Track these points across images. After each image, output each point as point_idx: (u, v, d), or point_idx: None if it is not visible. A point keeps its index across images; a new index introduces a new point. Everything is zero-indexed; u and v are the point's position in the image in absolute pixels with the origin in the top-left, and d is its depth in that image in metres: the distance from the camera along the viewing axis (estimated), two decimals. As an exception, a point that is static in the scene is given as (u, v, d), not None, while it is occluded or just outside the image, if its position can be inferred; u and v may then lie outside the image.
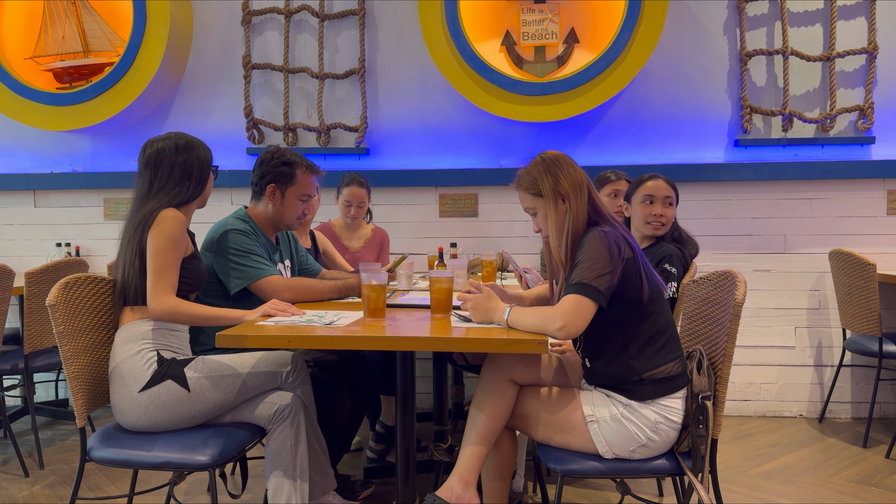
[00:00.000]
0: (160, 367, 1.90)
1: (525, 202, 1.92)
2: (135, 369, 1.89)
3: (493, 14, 3.77)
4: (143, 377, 1.88)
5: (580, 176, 1.85)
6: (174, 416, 1.89)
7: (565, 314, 1.66)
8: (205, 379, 1.90)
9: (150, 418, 1.88)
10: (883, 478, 2.84)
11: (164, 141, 2.09)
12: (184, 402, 1.88)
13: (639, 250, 1.80)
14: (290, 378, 2.01)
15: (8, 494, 2.71)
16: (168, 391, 1.87)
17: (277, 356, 2.02)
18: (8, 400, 3.88)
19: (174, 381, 1.88)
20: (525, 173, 1.90)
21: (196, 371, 1.91)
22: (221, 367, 1.94)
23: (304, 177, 2.40)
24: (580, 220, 1.81)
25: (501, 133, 3.88)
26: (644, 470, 1.78)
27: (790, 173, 3.66)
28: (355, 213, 3.30)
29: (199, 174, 2.10)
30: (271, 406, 1.96)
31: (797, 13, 3.69)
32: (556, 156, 1.88)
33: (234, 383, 1.93)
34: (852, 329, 3.32)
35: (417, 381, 1.98)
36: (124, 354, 1.92)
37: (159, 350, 1.93)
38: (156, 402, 1.87)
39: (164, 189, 2.05)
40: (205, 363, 1.94)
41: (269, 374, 1.98)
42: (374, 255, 3.38)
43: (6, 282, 2.77)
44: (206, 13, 4.00)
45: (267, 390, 1.99)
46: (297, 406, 1.98)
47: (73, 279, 1.95)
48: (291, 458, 1.94)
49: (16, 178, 4.07)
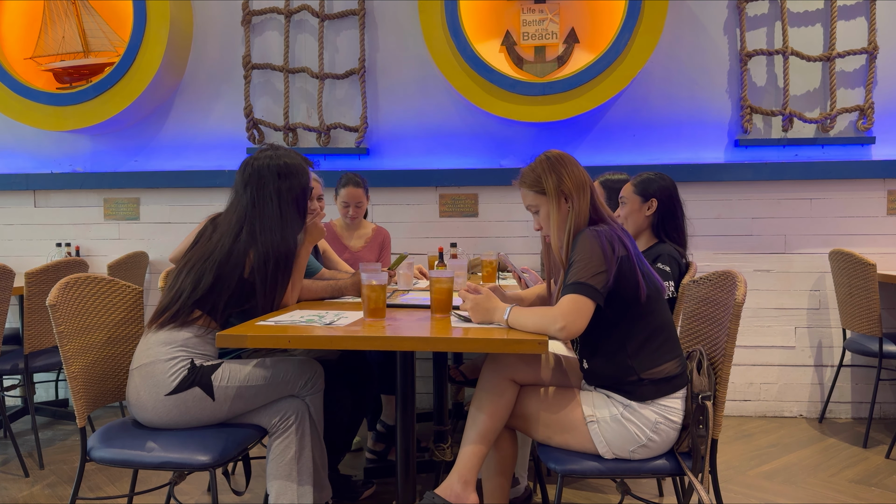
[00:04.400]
0: (190, 373, 1.90)
1: (528, 199, 1.92)
2: (166, 372, 1.89)
3: (493, 14, 3.77)
4: (172, 382, 1.88)
5: (583, 176, 1.85)
6: (193, 420, 1.91)
7: (566, 314, 1.66)
8: (231, 388, 1.92)
9: (171, 419, 1.89)
10: (883, 478, 2.84)
11: (266, 161, 2.13)
12: (206, 408, 1.90)
13: (635, 249, 1.80)
14: (308, 387, 2.02)
15: (8, 494, 2.71)
16: (194, 398, 1.88)
17: (296, 364, 2.02)
18: (8, 400, 3.88)
19: (201, 388, 1.89)
20: (529, 171, 1.90)
21: (223, 380, 1.91)
22: (245, 377, 1.93)
23: None
24: (581, 220, 1.81)
25: (501, 133, 3.88)
26: (644, 470, 1.78)
27: (790, 173, 3.66)
28: (354, 213, 3.30)
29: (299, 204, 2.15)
30: (279, 410, 1.96)
31: (797, 13, 3.69)
32: (561, 155, 1.88)
33: (256, 393, 1.95)
34: (852, 329, 3.32)
35: (417, 381, 1.98)
36: (161, 356, 1.91)
37: (194, 358, 1.94)
38: (180, 406, 1.88)
39: (266, 224, 2.06)
40: (231, 372, 1.93)
41: (287, 383, 1.99)
42: (376, 255, 3.38)
43: (6, 282, 2.77)
44: (206, 13, 4.00)
45: (281, 397, 2.00)
46: (305, 413, 1.98)
47: (74, 279, 1.96)
48: (295, 464, 1.94)
49: (16, 178, 4.07)
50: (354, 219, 3.32)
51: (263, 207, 2.06)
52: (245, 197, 2.09)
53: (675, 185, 2.57)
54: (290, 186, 2.10)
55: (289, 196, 2.10)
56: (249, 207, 2.06)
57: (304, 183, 2.14)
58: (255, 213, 2.06)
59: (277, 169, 2.09)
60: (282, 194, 2.08)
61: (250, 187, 2.09)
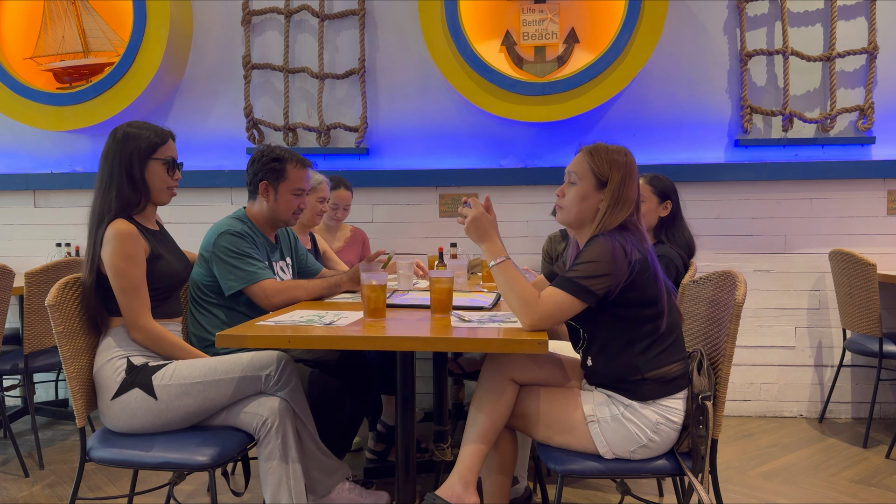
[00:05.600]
0: (128, 374, 1.89)
1: (577, 167, 1.84)
2: (107, 377, 1.90)
3: (493, 14, 3.77)
4: (113, 385, 1.89)
5: (637, 194, 1.83)
6: (146, 423, 1.88)
7: (546, 309, 1.67)
8: (173, 386, 1.88)
9: (125, 424, 1.89)
10: (883, 478, 2.84)
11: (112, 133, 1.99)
12: (152, 409, 1.87)
13: (652, 252, 1.79)
14: (273, 380, 1.94)
15: (8, 494, 2.71)
16: (136, 399, 1.87)
17: (257, 359, 1.94)
18: (8, 400, 3.88)
19: (141, 389, 1.87)
20: (605, 151, 1.83)
21: (164, 379, 1.88)
22: (192, 374, 1.89)
23: (294, 171, 2.42)
24: (607, 225, 1.78)
25: (501, 133, 3.87)
26: (644, 470, 1.77)
27: (790, 173, 3.66)
28: (341, 215, 3.41)
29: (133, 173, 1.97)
30: (254, 416, 1.90)
31: (797, 13, 3.69)
32: (635, 165, 1.84)
33: (205, 390, 1.88)
34: (852, 329, 3.32)
35: (417, 381, 1.98)
36: (100, 361, 1.93)
37: (129, 357, 1.92)
38: (126, 409, 1.87)
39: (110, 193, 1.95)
40: (176, 370, 1.90)
41: (247, 379, 1.91)
42: (356, 254, 3.51)
43: (6, 282, 2.77)
44: (206, 13, 4.00)
45: (250, 395, 1.93)
46: (282, 413, 1.91)
47: (73, 279, 1.96)
48: (284, 467, 1.90)
49: (16, 178, 4.07)
50: (339, 221, 3.42)
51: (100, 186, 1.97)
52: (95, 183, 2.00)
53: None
54: (118, 152, 1.96)
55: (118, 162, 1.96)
56: (95, 191, 1.99)
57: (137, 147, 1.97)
58: (96, 195, 1.98)
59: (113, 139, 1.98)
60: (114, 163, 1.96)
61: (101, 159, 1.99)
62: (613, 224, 1.78)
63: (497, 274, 1.75)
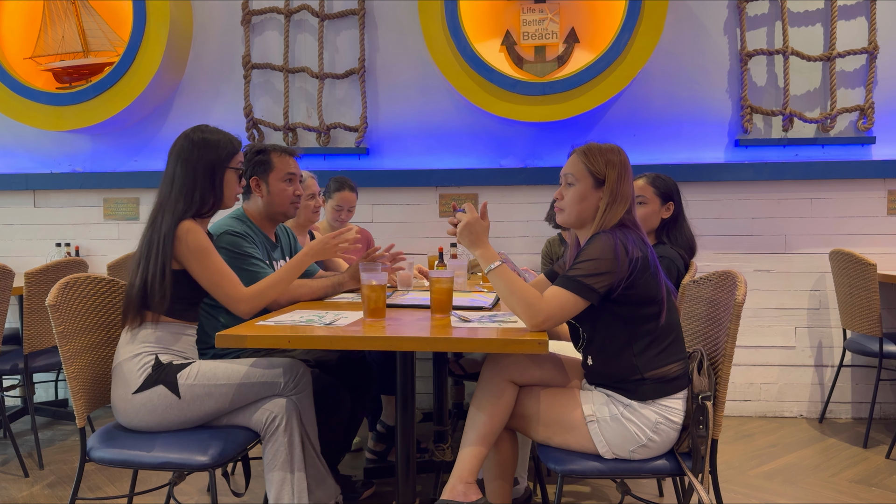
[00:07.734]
0: (154, 371, 1.89)
1: (573, 168, 1.86)
2: (132, 371, 1.89)
3: (493, 14, 3.77)
4: (137, 380, 1.88)
5: (632, 191, 1.85)
6: (164, 420, 1.88)
7: (551, 309, 1.67)
8: (197, 387, 1.89)
9: (141, 420, 1.89)
10: (883, 478, 2.83)
11: (184, 137, 2.02)
12: (174, 407, 1.87)
13: (652, 251, 1.79)
14: (290, 387, 1.97)
15: (8, 494, 2.71)
16: (159, 396, 1.87)
17: (276, 364, 1.98)
18: (8, 400, 3.88)
19: (166, 386, 1.87)
20: (598, 150, 1.85)
21: (189, 378, 1.89)
22: (216, 376, 1.91)
23: (280, 159, 2.43)
24: (607, 223, 1.80)
25: (501, 133, 3.87)
26: (644, 470, 1.77)
27: (790, 173, 3.66)
28: (346, 217, 3.39)
29: (214, 180, 2.01)
30: (264, 413, 1.92)
31: (797, 13, 3.69)
32: (629, 163, 1.86)
33: (227, 392, 1.91)
34: (852, 329, 3.32)
35: (417, 381, 1.98)
36: (126, 355, 1.92)
37: (158, 354, 1.92)
38: (147, 405, 1.87)
39: (179, 197, 1.97)
40: (200, 370, 1.91)
41: (265, 384, 1.94)
42: (362, 255, 3.46)
43: (6, 282, 2.77)
44: (206, 13, 4.00)
45: (263, 397, 1.96)
46: (291, 413, 1.93)
47: (73, 279, 1.95)
48: (289, 466, 1.91)
49: (16, 178, 4.07)
50: (345, 223, 3.42)
51: (172, 186, 1.98)
52: (163, 181, 2.01)
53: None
54: (199, 158, 1.98)
55: (200, 168, 1.98)
56: (163, 189, 2.00)
57: (217, 156, 2.01)
58: (168, 194, 1.99)
59: (192, 143, 2.00)
60: (196, 168, 1.98)
61: (167, 168, 2.01)
62: (613, 220, 1.79)
63: (495, 279, 1.75)
